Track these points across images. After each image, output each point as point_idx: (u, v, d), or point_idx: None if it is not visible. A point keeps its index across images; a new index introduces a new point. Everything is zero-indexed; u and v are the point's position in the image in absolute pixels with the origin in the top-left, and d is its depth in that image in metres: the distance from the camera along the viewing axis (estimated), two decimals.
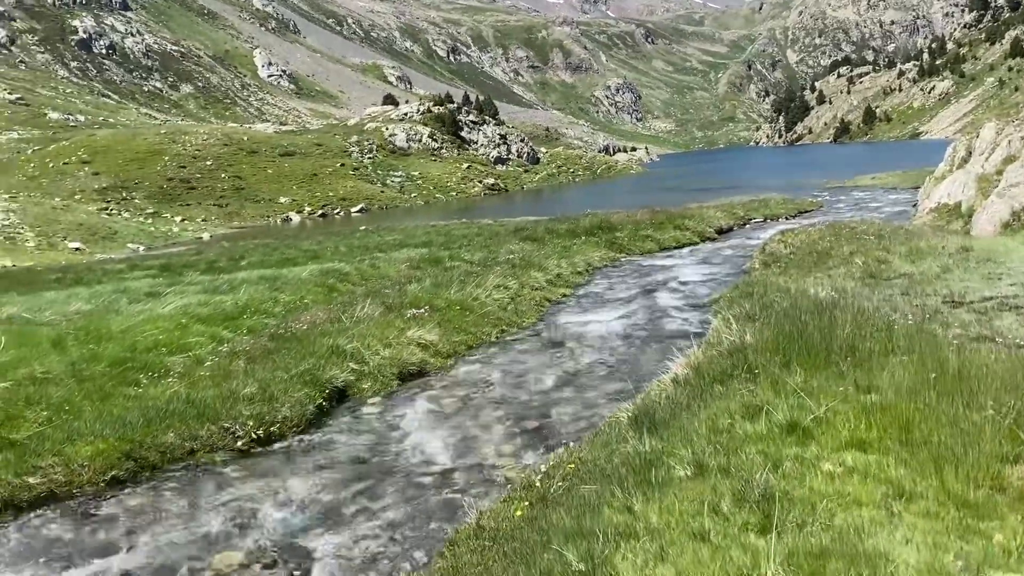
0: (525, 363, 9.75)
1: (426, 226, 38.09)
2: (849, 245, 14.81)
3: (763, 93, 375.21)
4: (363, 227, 42.53)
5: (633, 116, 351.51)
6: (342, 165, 79.36)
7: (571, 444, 6.44)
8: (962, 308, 9.04)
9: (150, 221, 55.83)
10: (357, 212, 66.18)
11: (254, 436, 7.46)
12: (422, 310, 11.24)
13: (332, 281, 16.65)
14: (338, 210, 66.80)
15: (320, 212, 65.28)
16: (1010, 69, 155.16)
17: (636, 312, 12.57)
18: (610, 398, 7.94)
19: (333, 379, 8.66)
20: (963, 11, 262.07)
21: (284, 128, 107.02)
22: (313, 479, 6.65)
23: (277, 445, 7.49)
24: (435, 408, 8.22)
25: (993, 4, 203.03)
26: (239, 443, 7.39)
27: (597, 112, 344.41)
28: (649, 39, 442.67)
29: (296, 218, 63.20)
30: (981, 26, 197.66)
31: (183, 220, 57.89)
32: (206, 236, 51.91)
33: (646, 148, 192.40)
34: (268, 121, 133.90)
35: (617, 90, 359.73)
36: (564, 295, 14.89)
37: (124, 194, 60.75)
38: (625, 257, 20.86)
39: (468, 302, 12.27)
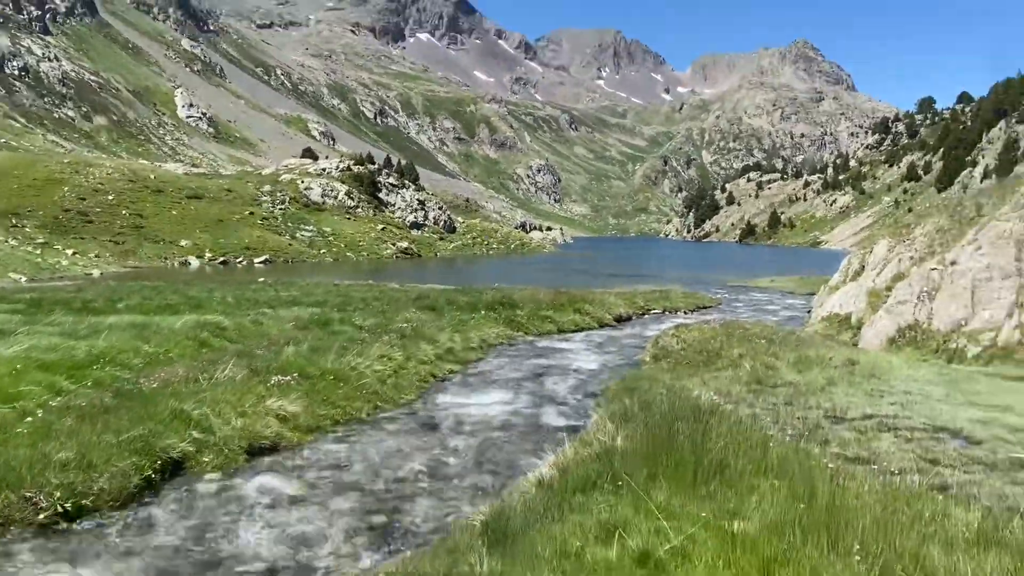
0: (392, 446, 9.01)
1: (328, 284, 37.04)
2: (740, 347, 14.77)
3: (676, 188, 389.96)
4: (262, 279, 41.17)
5: (552, 197, 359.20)
6: (251, 213, 77.77)
7: (413, 551, 5.77)
8: (843, 424, 8.88)
9: (39, 252, 52.81)
10: (261, 263, 64.59)
11: (61, 509, 6.49)
12: (289, 377, 10.42)
13: (206, 335, 15.61)
14: (241, 259, 65.03)
15: (221, 259, 63.45)
16: (905, 191, 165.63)
17: (521, 397, 12.04)
18: (473, 495, 7.30)
19: (169, 448, 7.72)
20: (866, 133, 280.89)
21: (195, 170, 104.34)
22: (116, 567, 5.76)
23: (87, 522, 6.53)
24: (278, 491, 7.39)
25: (893, 130, 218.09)
26: (41, 516, 6.41)
27: (517, 189, 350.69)
28: (573, 126, 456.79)
29: (195, 263, 61.18)
30: (881, 149, 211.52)
31: (75, 254, 55.01)
32: (96, 273, 49.46)
33: (561, 229, 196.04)
34: (181, 161, 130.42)
35: (538, 170, 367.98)
36: (452, 371, 14.28)
37: (14, 221, 57.43)
38: (522, 336, 20.47)
39: (345, 372, 11.49)
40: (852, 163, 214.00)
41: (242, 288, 32.58)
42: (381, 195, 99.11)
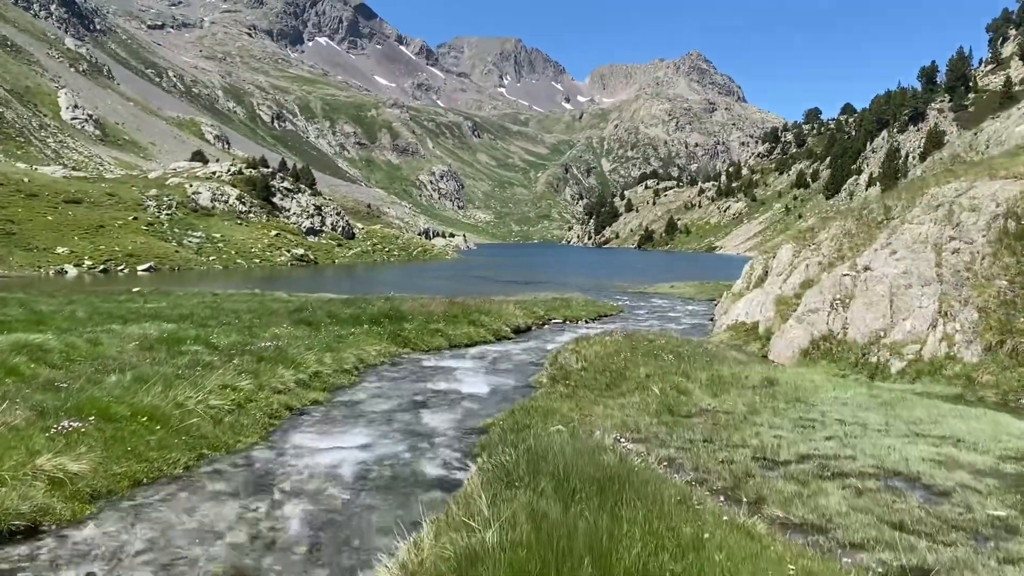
0: (201, 519, 6.72)
1: (205, 294, 34.16)
2: (646, 365, 13.09)
3: (577, 196, 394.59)
4: (137, 288, 37.76)
5: (455, 203, 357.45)
6: (135, 219, 73.77)
7: None
8: (777, 471, 7.21)
9: None
10: (144, 271, 60.71)
11: None
12: (83, 422, 8.05)
13: (19, 360, 12.88)
14: (123, 267, 61.01)
15: (102, 267, 59.44)
16: (795, 198, 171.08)
17: (391, 436, 9.87)
18: None
19: None
20: (757, 142, 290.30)
21: (76, 174, 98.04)
22: None
23: None
24: None
25: (782, 139, 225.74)
26: None
27: (420, 195, 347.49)
28: (476, 132, 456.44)
29: (73, 271, 56.89)
30: (772, 157, 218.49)
31: None
32: None
33: (464, 236, 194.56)
34: (64, 165, 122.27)
35: (441, 176, 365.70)
36: (315, 401, 11.99)
37: None
38: (408, 353, 18.34)
39: (166, 410, 9.12)
40: (744, 171, 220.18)
41: (107, 299, 29.52)
42: (275, 200, 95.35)
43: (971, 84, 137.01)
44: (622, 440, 7.57)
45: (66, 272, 56.24)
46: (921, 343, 13.37)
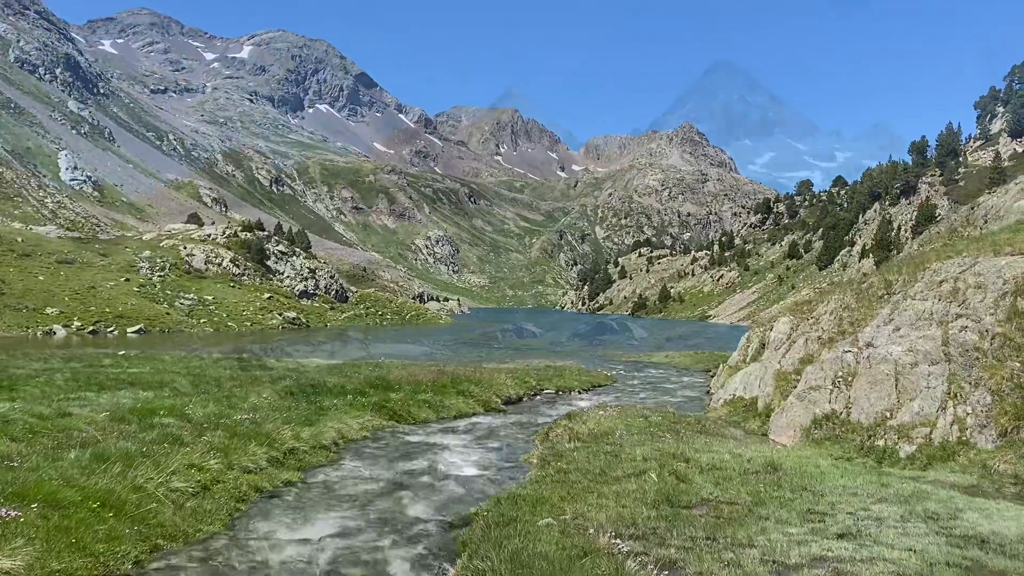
0: None
1: (190, 358, 33.40)
2: (642, 446, 12.37)
3: (572, 262, 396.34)
4: (121, 352, 36.99)
5: (450, 268, 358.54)
6: (127, 280, 73.66)
7: None
8: None
9: None
10: (134, 333, 60.18)
11: None
12: (26, 509, 7.30)
13: None
14: (113, 328, 60.47)
15: (91, 328, 58.86)
16: (787, 268, 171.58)
17: (365, 526, 9.06)
18: None
19: None
20: (749, 213, 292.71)
21: (70, 234, 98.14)
22: None
23: None
24: None
25: (775, 210, 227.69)
26: None
27: (416, 260, 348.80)
28: (472, 199, 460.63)
29: (61, 332, 56.24)
30: (764, 228, 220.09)
31: None
32: None
33: (458, 300, 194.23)
34: (60, 225, 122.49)
35: (437, 241, 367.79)
36: (287, 482, 11.20)
37: None
38: (393, 427, 17.55)
39: (122, 494, 8.37)
40: (737, 241, 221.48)
41: (89, 362, 28.80)
42: (269, 263, 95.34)
43: (961, 159, 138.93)
44: (617, 540, 6.88)
45: (55, 333, 55.58)
46: (930, 426, 12.71)
